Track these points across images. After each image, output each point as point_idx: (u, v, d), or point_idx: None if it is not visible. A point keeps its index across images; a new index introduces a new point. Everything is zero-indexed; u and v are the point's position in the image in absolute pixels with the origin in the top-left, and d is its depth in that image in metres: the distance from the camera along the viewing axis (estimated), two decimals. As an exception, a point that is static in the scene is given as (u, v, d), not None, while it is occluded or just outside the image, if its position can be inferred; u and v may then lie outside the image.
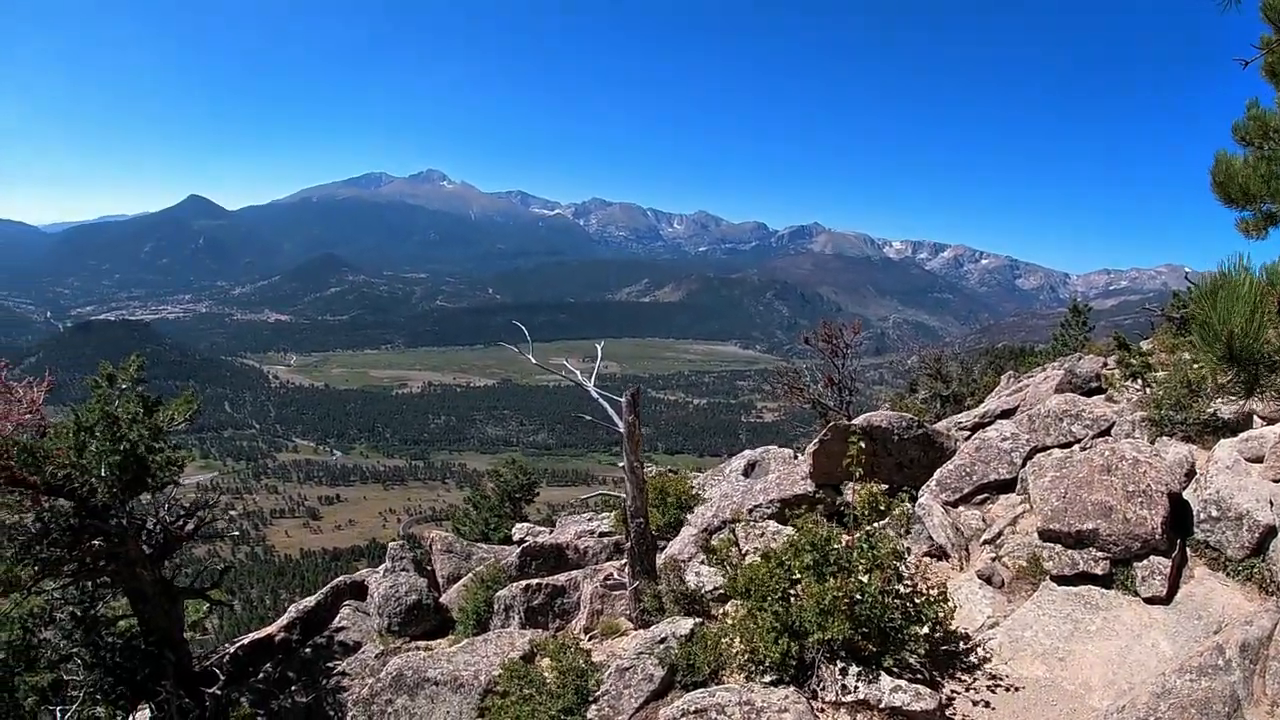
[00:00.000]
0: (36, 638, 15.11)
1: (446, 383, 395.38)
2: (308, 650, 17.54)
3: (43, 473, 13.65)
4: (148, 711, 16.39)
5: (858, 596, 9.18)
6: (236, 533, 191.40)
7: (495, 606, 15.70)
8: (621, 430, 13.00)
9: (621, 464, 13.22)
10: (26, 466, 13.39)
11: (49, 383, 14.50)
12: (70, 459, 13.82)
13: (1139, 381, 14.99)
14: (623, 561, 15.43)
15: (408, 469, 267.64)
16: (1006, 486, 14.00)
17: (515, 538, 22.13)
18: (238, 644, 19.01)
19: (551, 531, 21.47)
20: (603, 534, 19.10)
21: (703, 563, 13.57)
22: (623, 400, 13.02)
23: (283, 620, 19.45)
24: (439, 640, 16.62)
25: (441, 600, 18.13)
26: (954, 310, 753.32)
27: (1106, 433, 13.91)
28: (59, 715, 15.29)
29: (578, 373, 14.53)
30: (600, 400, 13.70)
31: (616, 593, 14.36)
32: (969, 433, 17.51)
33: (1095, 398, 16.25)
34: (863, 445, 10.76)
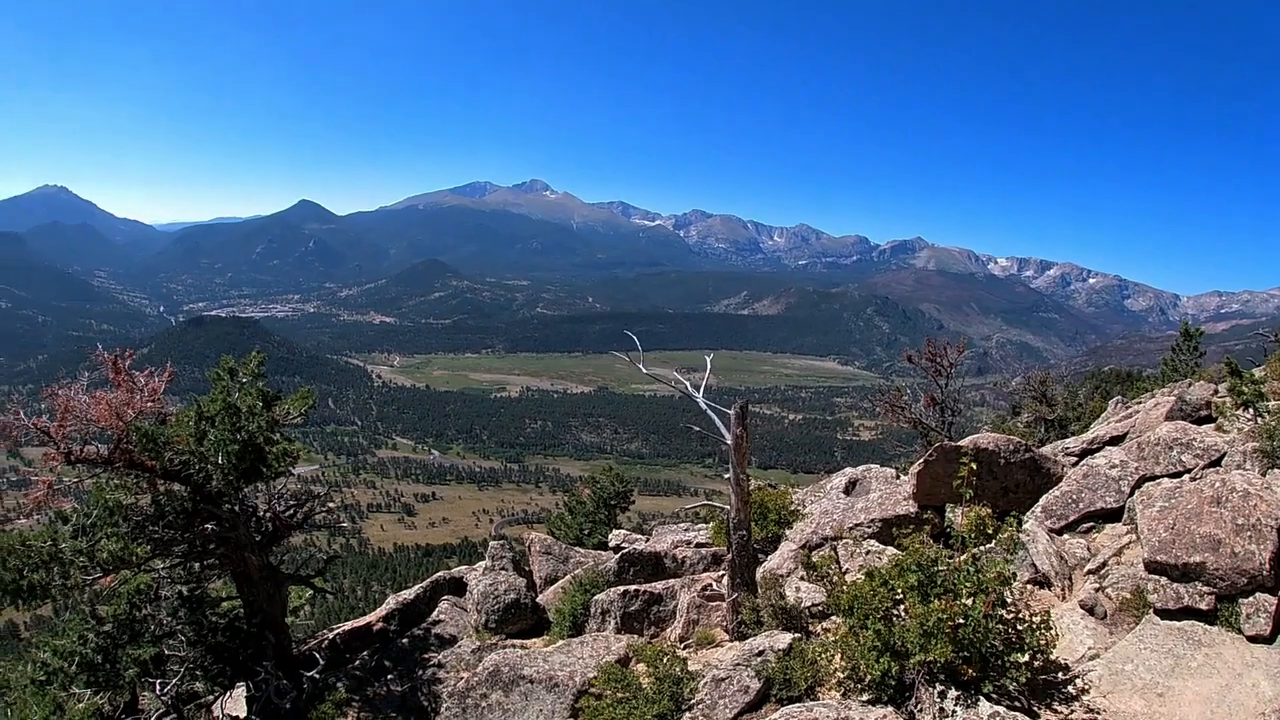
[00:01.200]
0: (142, 613, 15.78)
1: (544, 388, 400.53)
2: (405, 641, 17.94)
3: (161, 458, 14.29)
4: (244, 690, 17.00)
5: (961, 620, 9.10)
6: (346, 524, 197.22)
7: (592, 610, 15.87)
8: (729, 442, 13.04)
9: (726, 476, 13.28)
10: (146, 451, 14.04)
11: (169, 373, 15.14)
12: (190, 446, 14.46)
13: (1251, 410, 14.46)
14: (720, 573, 15.47)
15: (502, 471, 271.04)
16: (1113, 515, 13.64)
17: (611, 544, 22.30)
18: (336, 631, 19.55)
19: (648, 540, 21.58)
20: (699, 545, 19.13)
21: (802, 578, 13.55)
22: (731, 413, 13.05)
23: (381, 610, 19.93)
24: (534, 640, 16.87)
25: (538, 600, 18.40)
26: (1059, 331, 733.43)
27: (1217, 463, 13.39)
28: (159, 688, 15.95)
29: (687, 384, 14.55)
30: (709, 412, 13.73)
31: (713, 604, 14.40)
32: (1076, 459, 17.09)
33: (1206, 426, 15.73)
34: (973, 467, 10.65)
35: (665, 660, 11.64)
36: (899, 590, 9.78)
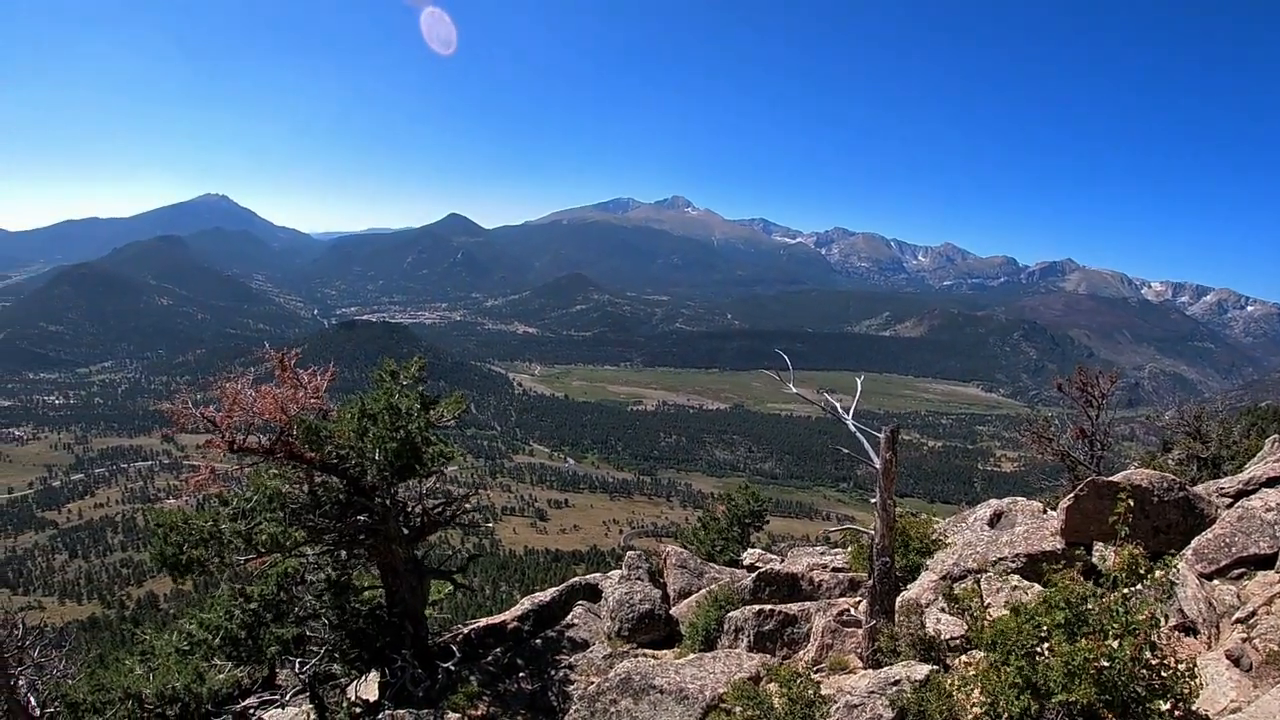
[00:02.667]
0: (289, 594, 16.56)
1: (680, 403, 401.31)
2: (538, 641, 18.33)
3: (322, 451, 15.13)
4: (377, 675, 17.64)
5: (1106, 662, 8.84)
6: (491, 524, 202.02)
7: (725, 626, 15.88)
8: (877, 467, 12.86)
9: (872, 500, 13.11)
10: (308, 444, 14.92)
11: (331, 373, 15.98)
12: (351, 441, 15.24)
13: None
14: (857, 598, 15.32)
15: (635, 483, 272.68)
16: (1266, 562, 12.93)
17: (745, 562, 22.32)
18: (471, 626, 20.12)
19: (783, 560, 21.49)
20: (836, 569, 18.96)
21: (942, 610, 13.29)
22: (881, 437, 12.86)
23: (516, 610, 20.41)
24: (665, 651, 16.97)
25: (671, 612, 18.52)
26: (1215, 362, 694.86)
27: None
28: (298, 666, 16.70)
29: (837, 404, 14.43)
30: (857, 434, 13.56)
31: (849, 629, 14.24)
32: (1230, 500, 16.27)
33: (1370, 469, 14.83)
34: (1130, 504, 10.32)
35: (799, 682, 11.58)
36: (1045, 627, 9.54)
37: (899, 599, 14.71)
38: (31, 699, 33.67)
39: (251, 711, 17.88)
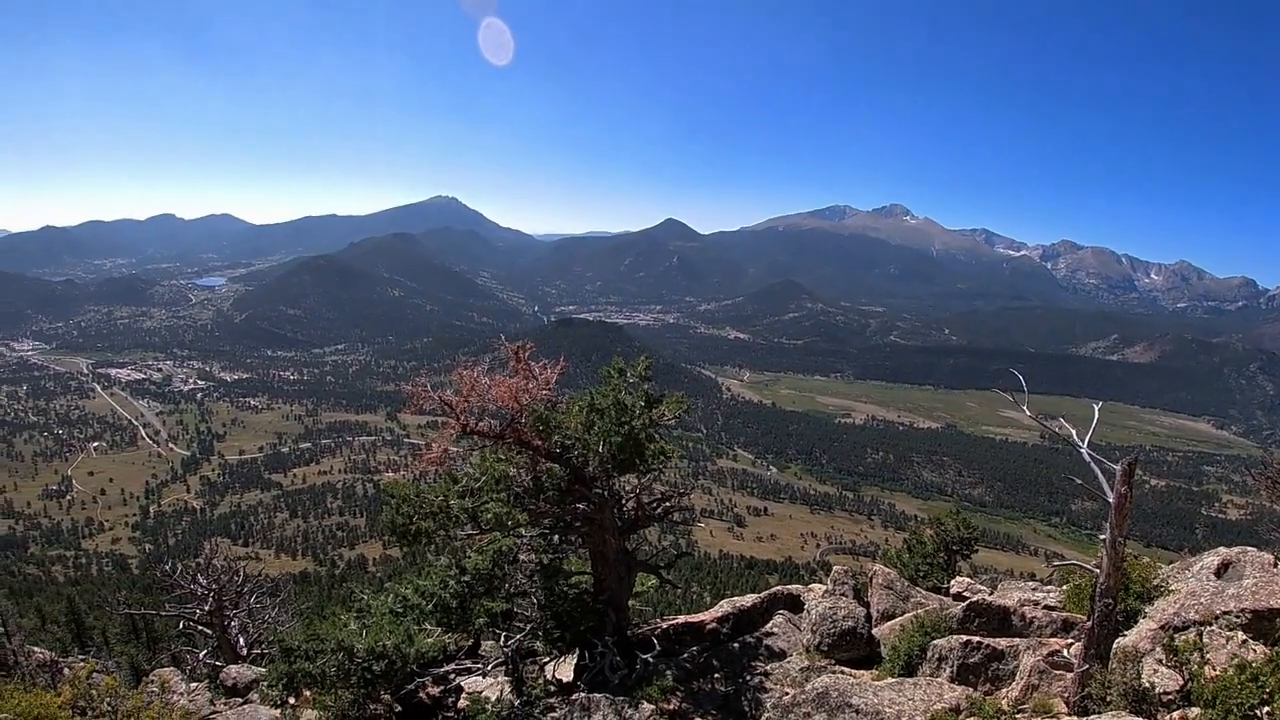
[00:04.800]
0: (502, 571, 17.32)
1: (890, 419, 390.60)
2: (735, 645, 18.40)
3: (549, 440, 15.90)
4: (575, 658, 18.19)
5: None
6: (709, 522, 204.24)
7: (929, 654, 15.54)
8: (1110, 501, 12.28)
9: (1101, 537, 12.46)
10: (537, 432, 15.72)
11: (561, 366, 16.71)
12: (578, 433, 15.98)
13: None
14: (1069, 640, 14.73)
15: (836, 498, 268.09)
16: None
17: (953, 590, 21.73)
18: (669, 622, 20.43)
19: (992, 592, 20.84)
20: (1049, 607, 18.21)
21: (1159, 661, 12.63)
22: (1118, 468, 12.26)
23: (716, 611, 20.59)
24: (863, 671, 16.78)
25: (873, 633, 18.29)
26: None
27: None
28: (503, 639, 17.45)
29: (1073, 432, 13.82)
30: (1092, 465, 12.95)
31: (1057, 671, 13.71)
32: None
33: None
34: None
35: (1002, 720, 11.30)
36: (1269, 688, 9.02)
37: (1113, 645, 14.06)
38: (241, 639, 36.77)
39: (452, 677, 18.77)
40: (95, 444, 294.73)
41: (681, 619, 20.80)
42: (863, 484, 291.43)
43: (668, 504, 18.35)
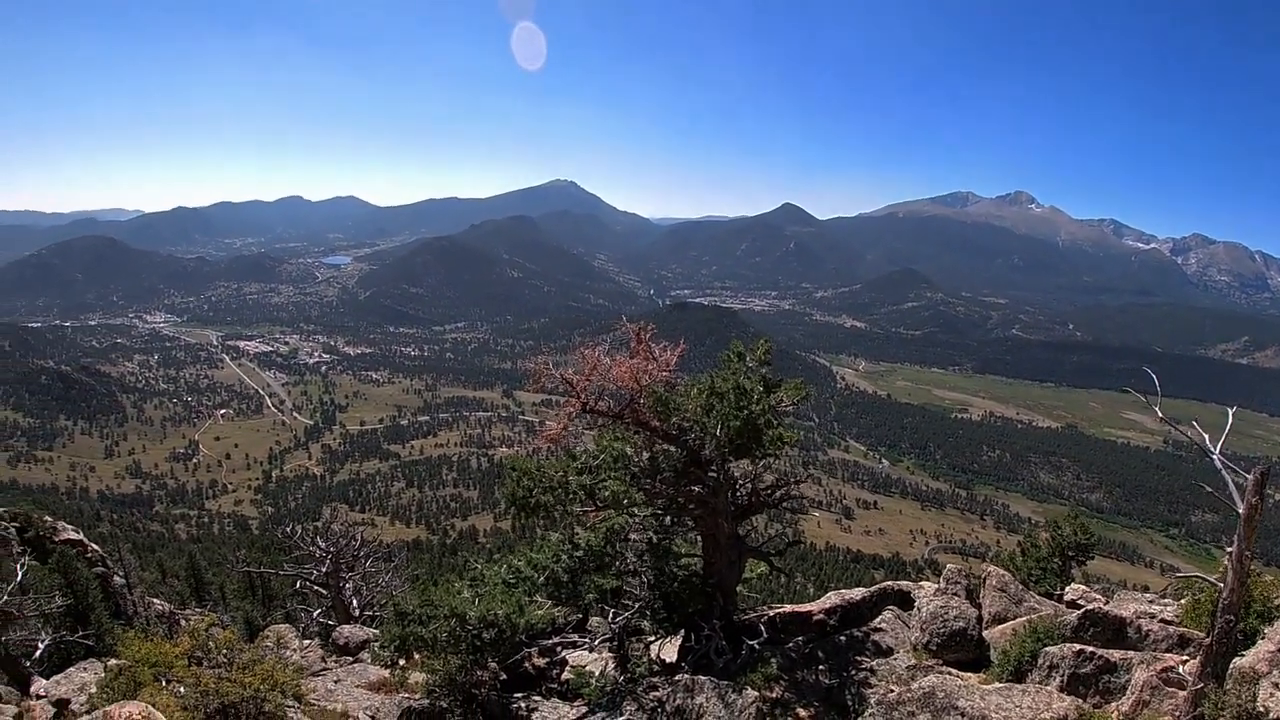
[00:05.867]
0: (614, 549, 17.63)
1: (1008, 416, 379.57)
2: (841, 638, 18.19)
3: (667, 421, 16.07)
4: (680, 639, 18.28)
5: None
6: (816, 513, 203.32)
7: (1039, 660, 15.13)
8: (1240, 512, 11.75)
9: (1228, 550, 11.95)
10: (656, 413, 15.89)
11: (681, 349, 16.80)
12: (696, 416, 16.07)
13: None
14: (1184, 657, 14.22)
15: (948, 495, 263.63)
16: None
17: (1067, 597, 21.14)
18: (776, 610, 20.35)
19: (1107, 602, 20.20)
20: (1165, 621, 17.59)
21: (1276, 684, 12.09)
22: (1250, 478, 11.71)
23: (824, 603, 20.44)
24: (970, 674, 16.48)
25: (984, 635, 17.92)
26: None
27: None
28: (611, 615, 17.67)
29: (1206, 437, 13.20)
30: (1223, 473, 12.37)
31: (1170, 689, 13.24)
32: None
33: None
34: None
35: (1109, 733, 10.99)
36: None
37: (1230, 665, 13.54)
38: (354, 601, 38.01)
39: (558, 649, 19.10)
40: (223, 411, 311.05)
41: (788, 608, 20.70)
42: (976, 482, 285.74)
43: (782, 491, 18.26)
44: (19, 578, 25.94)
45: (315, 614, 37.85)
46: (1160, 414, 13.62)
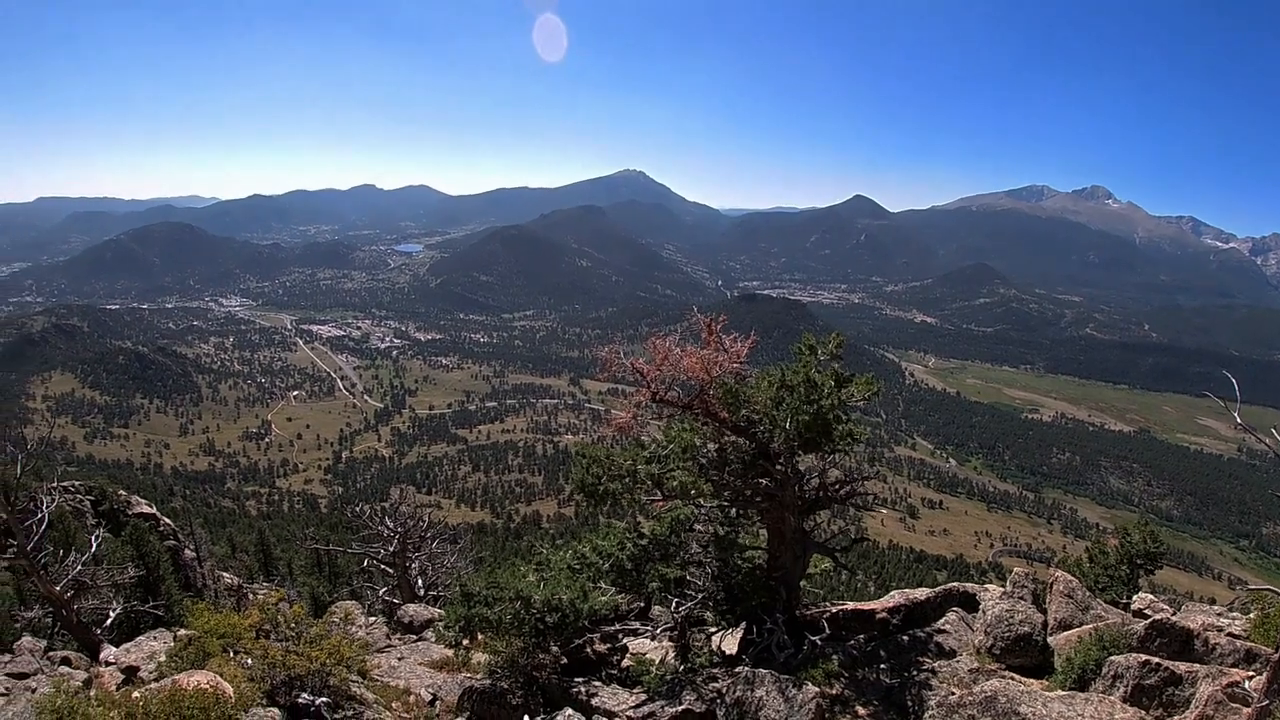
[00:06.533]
0: (678, 539, 17.77)
1: (1079, 418, 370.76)
2: (904, 638, 18.08)
3: (737, 413, 16.15)
4: (740, 632, 18.36)
5: None
6: (883, 511, 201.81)
7: (1104, 669, 14.91)
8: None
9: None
10: (726, 405, 15.99)
11: (752, 341, 16.82)
12: (766, 408, 16.06)
13: None
14: (1250, 672, 13.96)
15: (1016, 497, 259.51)
16: None
17: (1134, 607, 20.81)
18: (839, 607, 20.30)
19: (1175, 613, 19.84)
20: (1233, 635, 17.24)
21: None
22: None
23: (888, 601, 20.36)
24: (1033, 680, 16.32)
25: (1049, 641, 17.73)
26: None
27: None
28: (674, 605, 17.83)
29: None
30: None
31: (1234, 704, 13.02)
32: None
33: None
34: None
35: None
36: None
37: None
38: (419, 581, 38.77)
39: (620, 636, 19.28)
40: (295, 393, 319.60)
41: (851, 605, 20.62)
42: (1045, 485, 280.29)
43: (850, 487, 18.18)
44: (93, 549, 26.84)
45: (381, 592, 38.67)
46: (1239, 420, 13.29)
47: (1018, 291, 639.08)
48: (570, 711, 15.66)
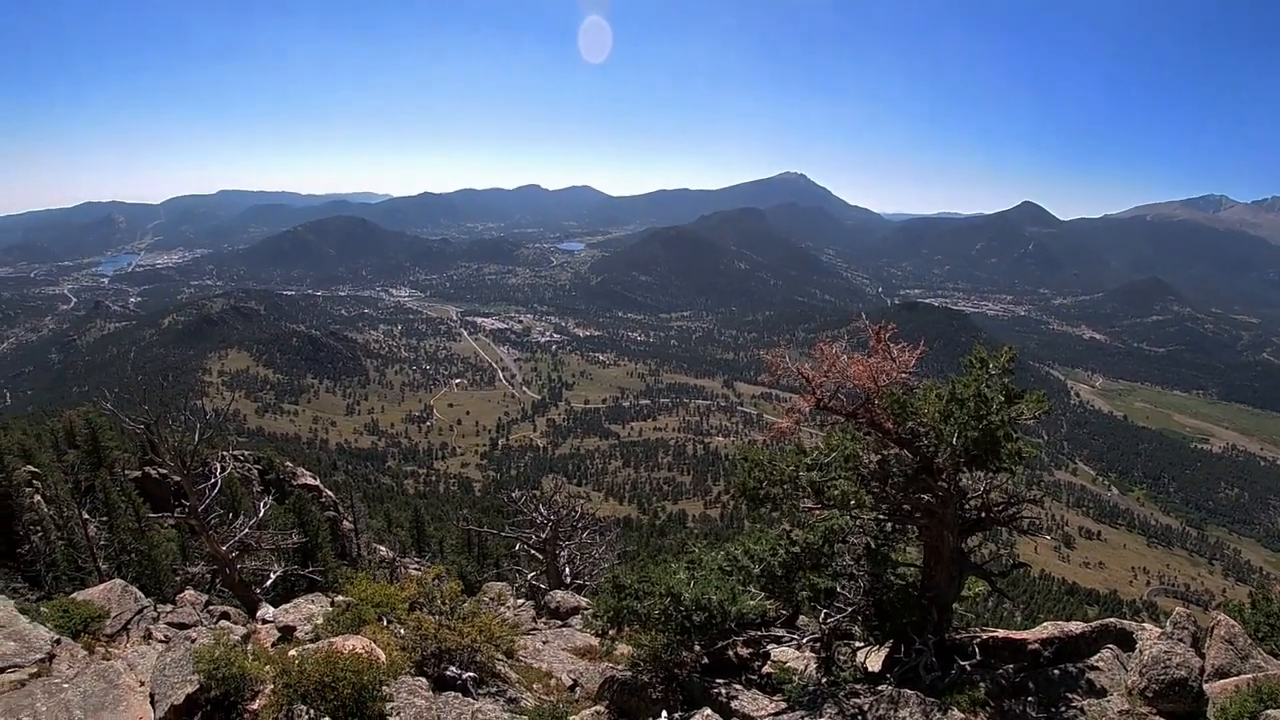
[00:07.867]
0: (831, 549, 17.63)
1: (1252, 450, 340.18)
2: (1055, 671, 17.47)
3: (902, 425, 15.89)
4: (886, 650, 18.21)
5: None
6: (1049, 537, 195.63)
7: (1258, 724, 14.21)
8: None
9: None
10: (891, 416, 15.76)
11: (920, 351, 16.62)
12: (932, 421, 15.72)
13: None
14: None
15: (1178, 533, 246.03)
16: None
17: (1292, 658, 19.69)
18: (989, 634, 19.78)
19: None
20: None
21: None
22: None
23: (1040, 632, 19.73)
24: (1183, 728, 15.65)
25: (1203, 688, 16.94)
26: None
27: None
28: (823, 616, 17.73)
29: None
30: None
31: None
32: None
33: None
34: None
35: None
36: None
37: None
38: (567, 569, 39.67)
39: (764, 642, 19.29)
40: (457, 380, 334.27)
41: (1001, 633, 20.06)
42: (1209, 521, 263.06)
43: (1015, 510, 17.69)
44: (260, 514, 28.64)
45: (529, 576, 39.81)
46: None
47: (1192, 309, 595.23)
48: (709, 711, 15.72)
